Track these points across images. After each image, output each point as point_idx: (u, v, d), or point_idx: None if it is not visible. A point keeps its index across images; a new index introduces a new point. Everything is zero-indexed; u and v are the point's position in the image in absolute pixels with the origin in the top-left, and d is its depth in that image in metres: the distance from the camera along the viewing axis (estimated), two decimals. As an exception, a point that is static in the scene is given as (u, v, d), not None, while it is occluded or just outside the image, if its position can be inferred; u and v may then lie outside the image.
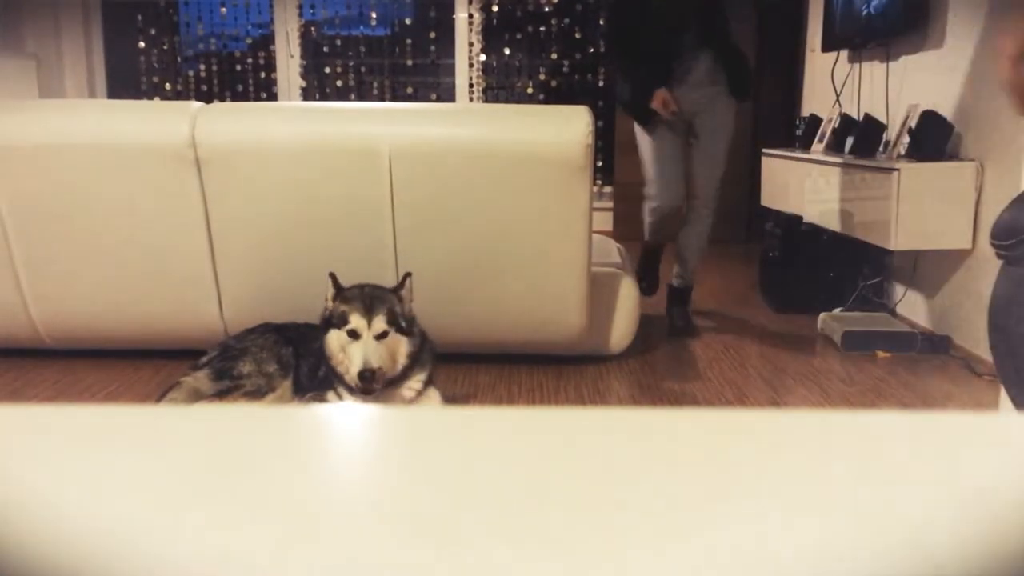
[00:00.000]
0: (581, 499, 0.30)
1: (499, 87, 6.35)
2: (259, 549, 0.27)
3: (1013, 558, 0.26)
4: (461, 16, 6.19)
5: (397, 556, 0.26)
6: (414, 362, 2.26)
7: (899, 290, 3.55)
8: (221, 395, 2.28)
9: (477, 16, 6.19)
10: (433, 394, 2.33)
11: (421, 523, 0.28)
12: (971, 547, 0.27)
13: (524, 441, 0.36)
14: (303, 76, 6.37)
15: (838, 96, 4.13)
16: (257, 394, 2.30)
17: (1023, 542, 0.27)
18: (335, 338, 2.19)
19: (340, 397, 2.24)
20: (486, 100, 6.32)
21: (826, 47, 4.22)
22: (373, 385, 2.13)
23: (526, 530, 0.28)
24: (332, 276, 2.24)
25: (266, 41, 6.37)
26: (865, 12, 3.69)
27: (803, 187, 3.77)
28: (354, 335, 2.15)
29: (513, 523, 0.28)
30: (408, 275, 2.29)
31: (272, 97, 6.39)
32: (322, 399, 2.26)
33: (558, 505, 0.30)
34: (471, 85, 6.27)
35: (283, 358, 2.37)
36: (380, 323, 2.16)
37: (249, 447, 0.35)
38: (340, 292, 2.22)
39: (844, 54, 4.18)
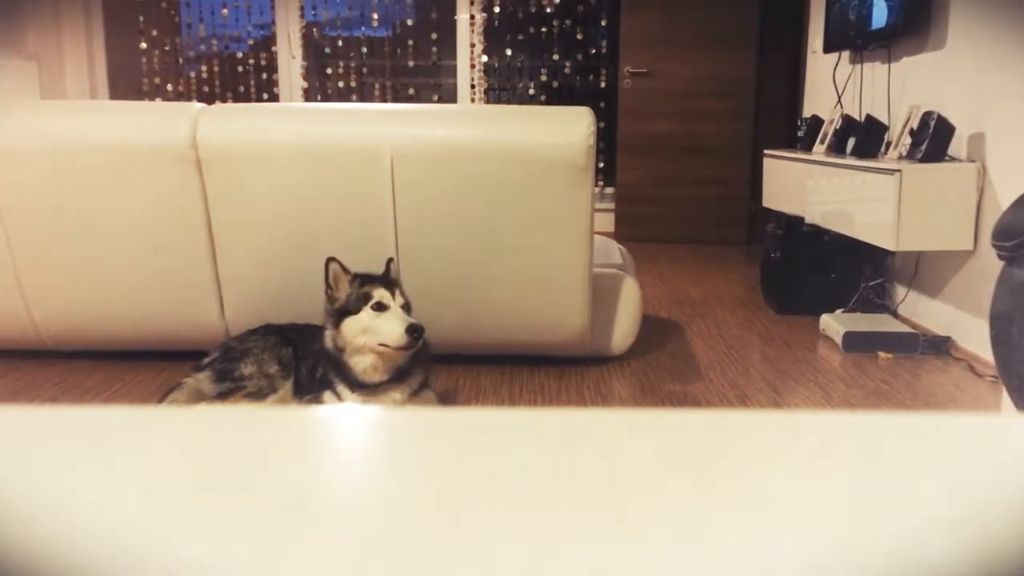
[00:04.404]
0: (583, 500, 0.30)
1: (501, 88, 6.35)
2: (259, 550, 0.27)
3: (1013, 558, 0.26)
4: (463, 17, 6.19)
5: (397, 557, 0.26)
6: (415, 359, 2.25)
7: (900, 291, 3.55)
8: (223, 396, 2.28)
9: (479, 17, 6.20)
10: (429, 396, 2.33)
11: (421, 524, 0.28)
12: (971, 548, 0.27)
13: (525, 442, 0.36)
14: (304, 77, 6.37)
15: (840, 97, 4.13)
16: (259, 395, 2.30)
17: (1023, 542, 0.27)
18: (355, 323, 2.15)
19: (339, 398, 2.23)
20: (488, 101, 6.33)
21: (828, 48, 4.22)
22: (418, 341, 2.13)
23: (527, 531, 0.28)
24: (335, 261, 2.19)
25: (268, 42, 6.38)
26: (867, 13, 3.68)
27: (805, 188, 3.77)
28: (381, 308, 2.14)
29: (514, 525, 0.29)
30: (391, 260, 2.30)
31: (274, 98, 6.39)
32: (319, 400, 2.26)
33: (559, 507, 0.30)
34: (473, 86, 6.28)
35: (284, 359, 2.37)
36: (400, 296, 2.18)
37: (250, 448, 0.35)
38: (355, 277, 2.20)
39: (846, 55, 4.19)
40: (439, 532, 0.28)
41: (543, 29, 6.28)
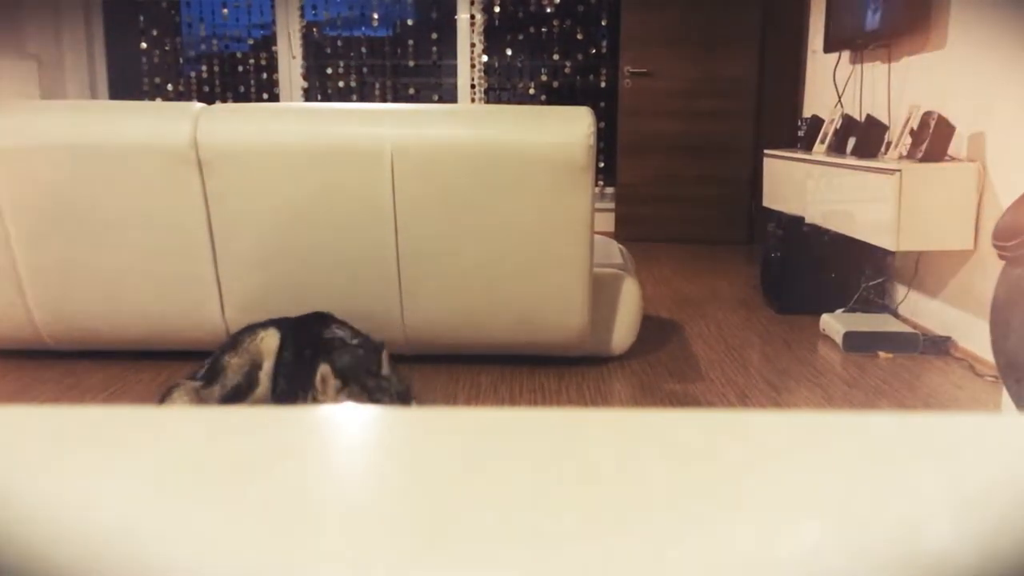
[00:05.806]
0: (582, 500, 0.30)
1: (501, 88, 6.35)
2: (259, 549, 0.27)
3: (1013, 558, 0.26)
4: (463, 17, 6.19)
5: (397, 557, 0.26)
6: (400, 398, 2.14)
7: (901, 291, 3.55)
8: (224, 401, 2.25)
9: (479, 17, 6.20)
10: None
11: (421, 524, 0.28)
12: (972, 547, 0.27)
13: (525, 442, 0.36)
14: (305, 77, 6.37)
15: (840, 97, 4.13)
16: (245, 386, 2.26)
17: (1023, 542, 0.27)
18: None
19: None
20: (488, 101, 6.33)
21: (828, 48, 4.22)
22: None
23: (526, 531, 0.28)
24: (325, 364, 2.02)
25: (268, 42, 6.38)
26: (867, 13, 3.68)
27: (805, 188, 3.77)
28: None
29: (513, 524, 0.28)
30: (383, 347, 2.13)
31: (274, 98, 6.39)
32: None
33: (559, 506, 0.30)
34: (473, 86, 6.28)
35: (260, 350, 2.32)
36: None
37: (249, 447, 0.35)
38: (343, 386, 1.99)
39: (846, 55, 4.19)
40: (439, 532, 0.28)
41: (543, 29, 6.28)
